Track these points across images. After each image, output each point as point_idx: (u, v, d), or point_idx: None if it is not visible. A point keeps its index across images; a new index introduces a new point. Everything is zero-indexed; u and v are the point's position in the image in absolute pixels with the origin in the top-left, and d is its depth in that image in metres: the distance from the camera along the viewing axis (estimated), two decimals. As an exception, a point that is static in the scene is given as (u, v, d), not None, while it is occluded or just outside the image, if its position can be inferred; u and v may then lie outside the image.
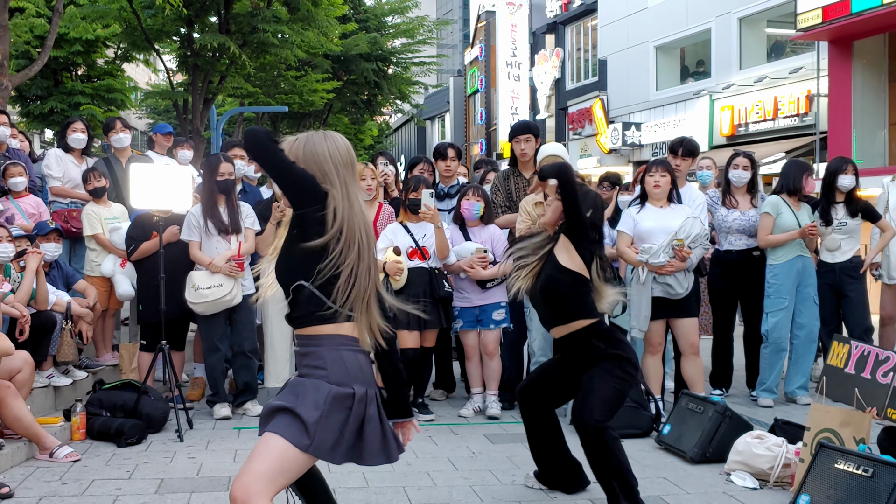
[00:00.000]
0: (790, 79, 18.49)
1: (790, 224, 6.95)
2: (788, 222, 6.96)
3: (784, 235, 6.95)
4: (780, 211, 7.00)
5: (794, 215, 6.97)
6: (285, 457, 2.98)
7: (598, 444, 4.32)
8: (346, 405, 3.04)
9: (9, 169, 7.38)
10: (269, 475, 2.95)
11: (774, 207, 7.02)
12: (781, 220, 6.98)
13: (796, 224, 6.92)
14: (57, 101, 19.88)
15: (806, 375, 7.19)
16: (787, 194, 7.08)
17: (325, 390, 3.02)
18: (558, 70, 29.73)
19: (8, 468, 5.33)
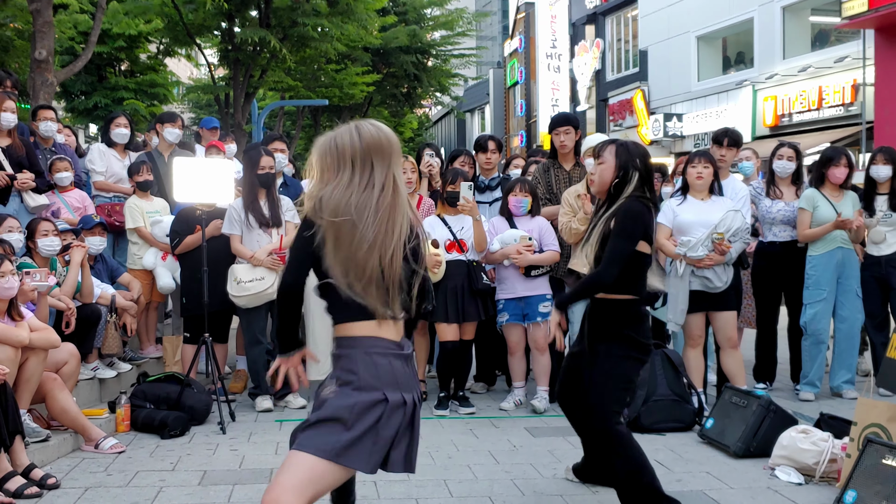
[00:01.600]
0: (835, 68, 18.22)
1: (828, 216, 6.83)
2: (826, 215, 6.85)
3: (818, 229, 6.85)
4: (815, 204, 6.89)
5: (833, 206, 6.85)
6: (314, 469, 2.99)
7: (606, 445, 4.22)
8: (376, 413, 3.02)
9: (55, 164, 7.48)
10: (298, 487, 2.96)
11: (810, 201, 6.91)
12: (819, 213, 6.87)
13: (834, 215, 6.81)
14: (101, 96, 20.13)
15: (851, 369, 7.08)
16: (816, 186, 6.98)
17: (353, 400, 3.01)
18: (598, 61, 29.54)
19: (54, 459, 5.40)
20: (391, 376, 3.06)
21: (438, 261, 6.49)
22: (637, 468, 4.15)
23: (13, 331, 5.15)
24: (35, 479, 4.79)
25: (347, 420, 3.00)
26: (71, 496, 4.72)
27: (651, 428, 5.98)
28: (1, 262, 5.18)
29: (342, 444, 2.99)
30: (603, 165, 4.36)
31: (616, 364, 4.25)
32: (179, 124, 8.45)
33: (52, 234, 6.33)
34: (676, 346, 6.97)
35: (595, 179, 4.42)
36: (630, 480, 4.15)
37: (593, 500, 4.62)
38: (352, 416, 3.00)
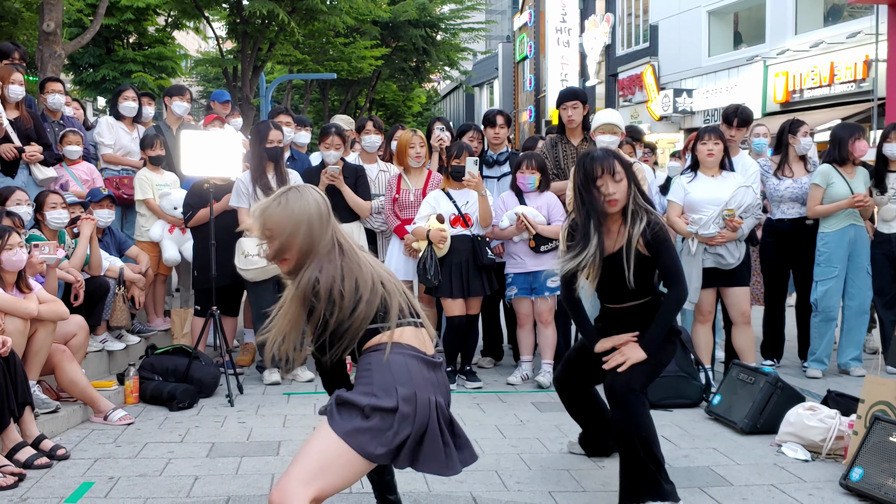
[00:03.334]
0: (847, 43, 18.06)
1: (842, 193, 6.79)
2: (840, 191, 6.81)
3: (832, 206, 6.81)
4: (830, 180, 6.84)
5: (847, 183, 6.81)
6: (333, 453, 3.01)
7: (625, 406, 4.04)
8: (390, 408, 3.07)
9: (67, 136, 7.48)
10: (308, 472, 2.98)
11: (824, 177, 6.86)
12: (833, 190, 6.82)
13: (848, 192, 6.76)
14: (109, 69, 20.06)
15: (859, 347, 7.07)
16: (837, 162, 6.92)
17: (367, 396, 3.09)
18: (608, 36, 29.35)
19: (64, 430, 5.44)
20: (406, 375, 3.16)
21: (444, 236, 6.48)
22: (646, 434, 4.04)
23: (22, 303, 5.17)
24: (45, 449, 4.82)
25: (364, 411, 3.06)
26: (80, 467, 4.75)
27: (658, 404, 5.98)
28: (9, 234, 5.19)
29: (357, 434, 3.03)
30: (623, 183, 4.11)
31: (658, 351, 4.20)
32: (188, 98, 8.46)
33: (60, 207, 6.34)
34: (685, 322, 6.96)
35: (618, 199, 4.10)
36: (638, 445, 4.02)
37: (599, 475, 4.63)
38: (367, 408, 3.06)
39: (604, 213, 4.10)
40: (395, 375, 3.12)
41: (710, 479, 4.56)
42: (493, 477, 4.61)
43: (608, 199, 4.08)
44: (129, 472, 4.66)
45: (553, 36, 31.96)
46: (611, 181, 4.08)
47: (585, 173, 4.11)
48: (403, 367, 3.15)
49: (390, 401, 3.06)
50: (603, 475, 4.64)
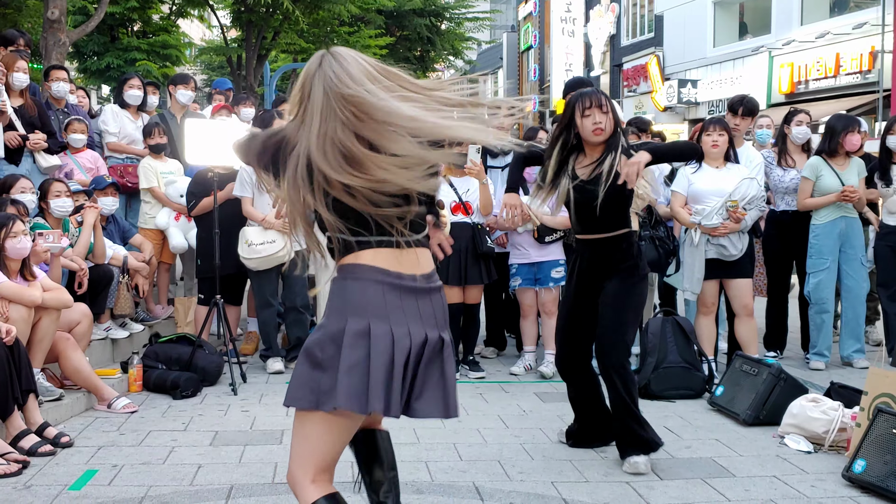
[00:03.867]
0: (853, 34, 18.00)
1: (831, 185, 6.77)
2: (829, 184, 6.78)
3: (820, 199, 6.80)
4: (819, 173, 6.82)
5: (837, 175, 6.79)
6: (303, 426, 2.72)
7: (616, 381, 4.52)
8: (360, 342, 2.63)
9: (72, 124, 7.48)
10: (298, 454, 2.73)
11: (813, 170, 6.85)
12: (822, 182, 6.80)
13: (838, 185, 6.74)
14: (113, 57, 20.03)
15: (860, 339, 7.05)
16: (828, 154, 6.89)
17: (320, 333, 2.69)
18: (613, 26, 29.29)
19: (68, 418, 5.45)
20: (363, 302, 2.68)
21: (444, 222, 6.47)
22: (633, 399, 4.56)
23: (26, 290, 5.18)
24: (49, 437, 4.84)
25: (318, 357, 2.67)
26: (84, 454, 4.76)
27: (661, 395, 6.00)
28: (13, 222, 5.19)
29: (319, 387, 2.64)
30: (609, 116, 4.51)
31: (630, 290, 4.59)
32: (192, 86, 8.47)
33: (64, 195, 6.34)
34: (688, 313, 6.96)
35: (604, 129, 4.49)
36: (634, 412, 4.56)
37: (602, 465, 4.64)
38: (323, 351, 2.66)
39: (590, 141, 4.53)
40: (348, 306, 2.69)
41: (712, 471, 4.57)
42: (496, 467, 4.62)
43: (595, 126, 4.47)
44: (132, 460, 4.68)
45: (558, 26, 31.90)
46: (598, 112, 4.47)
47: (575, 102, 4.53)
48: (359, 296, 2.69)
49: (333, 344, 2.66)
50: (605, 465, 4.65)
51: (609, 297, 4.58)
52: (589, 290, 4.69)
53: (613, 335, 4.55)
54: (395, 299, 2.71)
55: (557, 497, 4.19)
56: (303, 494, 2.72)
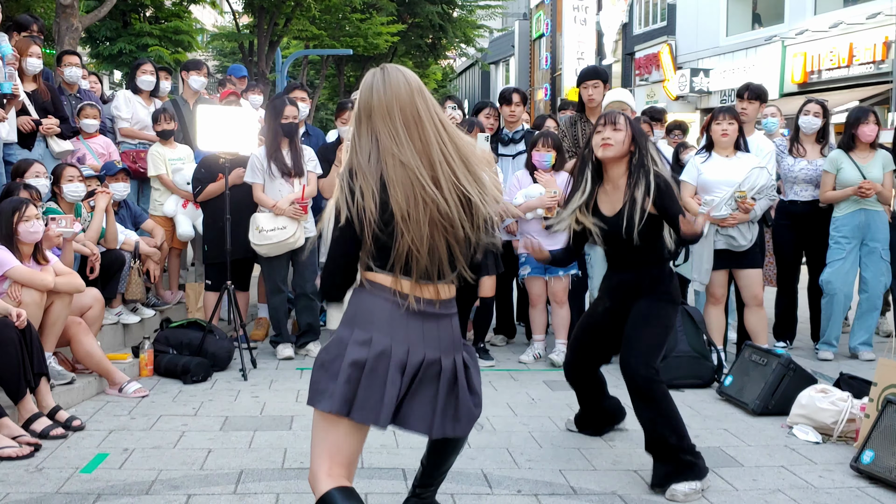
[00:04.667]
0: (867, 24, 17.88)
1: (852, 178, 6.75)
2: (850, 176, 6.76)
3: (840, 192, 6.78)
4: (839, 166, 6.80)
5: (858, 168, 6.76)
6: (315, 421, 2.92)
7: (648, 397, 4.15)
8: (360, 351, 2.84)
9: (85, 109, 7.49)
10: (313, 447, 2.90)
11: (833, 163, 6.83)
12: (842, 175, 6.78)
13: (858, 178, 6.72)
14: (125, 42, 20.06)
15: (870, 331, 7.04)
16: (848, 147, 6.87)
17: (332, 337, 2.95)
18: (626, 14, 29.17)
19: (79, 402, 5.49)
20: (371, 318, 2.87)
21: None
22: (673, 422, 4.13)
23: (38, 275, 5.21)
24: (60, 420, 4.87)
25: (323, 358, 2.92)
26: (95, 438, 4.80)
27: (670, 384, 5.89)
28: (26, 206, 5.22)
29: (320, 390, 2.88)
30: (622, 134, 4.28)
31: (662, 312, 4.31)
32: (204, 72, 8.48)
33: (77, 180, 6.36)
34: (698, 303, 6.96)
35: (613, 144, 4.27)
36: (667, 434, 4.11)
37: (610, 454, 4.65)
38: (328, 353, 2.90)
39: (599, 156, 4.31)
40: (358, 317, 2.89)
41: (720, 460, 4.58)
42: (505, 454, 4.64)
43: (603, 141, 4.27)
44: (143, 444, 4.71)
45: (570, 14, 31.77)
46: (610, 128, 4.27)
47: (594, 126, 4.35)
48: (367, 310, 2.88)
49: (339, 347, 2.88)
50: (614, 454, 4.66)
51: (638, 314, 4.32)
52: (614, 310, 4.47)
53: (640, 350, 4.21)
54: (401, 319, 2.90)
55: (565, 485, 4.20)
56: (316, 485, 2.84)
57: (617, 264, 4.50)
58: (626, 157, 4.32)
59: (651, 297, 4.34)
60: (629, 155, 4.31)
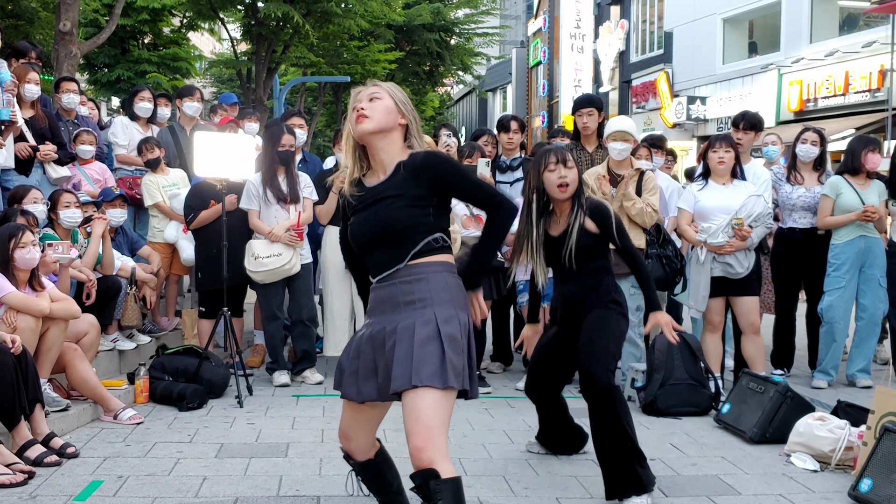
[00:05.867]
0: (862, 53, 17.98)
1: (851, 204, 6.76)
2: (849, 202, 6.78)
3: (841, 218, 6.79)
4: (839, 191, 6.82)
5: (858, 195, 6.78)
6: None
7: (609, 401, 4.25)
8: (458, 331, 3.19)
9: (81, 136, 7.51)
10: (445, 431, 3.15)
11: (833, 188, 6.85)
12: (842, 201, 6.80)
13: (859, 204, 6.74)
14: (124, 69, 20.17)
15: (867, 359, 7.02)
16: (850, 173, 6.89)
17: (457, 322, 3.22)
18: (623, 42, 29.31)
19: (74, 429, 5.46)
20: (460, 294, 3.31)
21: (455, 237, 6.48)
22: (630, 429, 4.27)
23: (34, 301, 5.20)
24: (55, 447, 4.85)
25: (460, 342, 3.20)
26: (90, 465, 4.77)
27: (667, 412, 5.98)
28: (23, 232, 5.22)
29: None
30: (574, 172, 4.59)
31: (613, 320, 4.49)
32: (198, 97, 8.50)
33: (73, 206, 6.37)
34: (695, 330, 6.95)
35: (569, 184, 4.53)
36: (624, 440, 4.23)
37: (607, 482, 4.63)
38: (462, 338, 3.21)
39: (555, 197, 4.54)
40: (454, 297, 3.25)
41: (718, 488, 4.55)
42: (501, 482, 4.61)
43: (560, 182, 4.48)
44: (137, 472, 4.68)
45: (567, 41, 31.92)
46: (563, 168, 4.51)
47: (539, 161, 4.58)
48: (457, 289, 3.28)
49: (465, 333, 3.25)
50: (610, 482, 4.63)
51: (591, 324, 4.49)
52: (566, 329, 4.67)
53: (598, 357, 4.36)
54: None
55: (562, 513, 4.18)
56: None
57: (563, 280, 4.68)
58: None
59: (599, 307, 4.51)
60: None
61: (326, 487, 4.47)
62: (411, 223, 3.21)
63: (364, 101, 3.30)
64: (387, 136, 3.30)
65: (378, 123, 3.27)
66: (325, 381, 6.90)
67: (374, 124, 3.27)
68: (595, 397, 4.31)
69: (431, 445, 3.02)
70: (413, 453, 3.05)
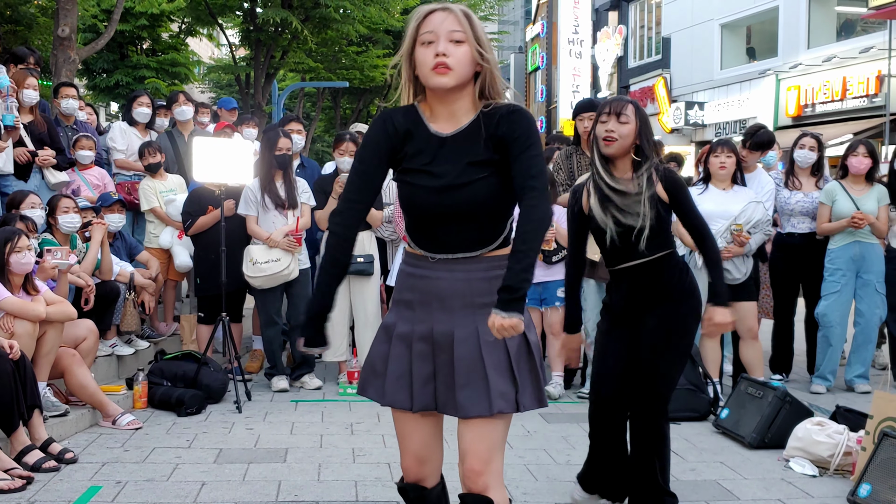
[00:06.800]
0: (860, 58, 18.03)
1: (845, 211, 6.77)
2: (844, 208, 6.79)
3: (835, 224, 6.81)
4: (834, 198, 6.83)
5: (853, 200, 6.79)
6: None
7: (656, 433, 3.92)
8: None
9: (80, 141, 7.51)
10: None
11: (828, 195, 6.87)
12: (837, 207, 6.81)
13: (853, 209, 6.75)
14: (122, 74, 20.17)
15: (865, 364, 7.03)
16: (844, 178, 6.93)
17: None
18: (621, 48, 29.37)
19: (72, 434, 5.45)
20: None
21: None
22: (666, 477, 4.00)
23: (30, 305, 5.19)
24: (53, 453, 4.84)
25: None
26: (88, 471, 4.76)
27: None
28: (19, 237, 5.21)
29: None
30: (628, 127, 3.88)
31: (676, 327, 3.95)
32: (182, 99, 8.51)
33: (72, 211, 6.36)
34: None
35: (616, 139, 3.87)
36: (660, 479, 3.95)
37: (606, 488, 4.62)
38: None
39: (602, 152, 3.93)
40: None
41: (716, 494, 4.55)
42: (500, 487, 4.60)
43: (606, 135, 3.88)
44: (136, 477, 4.68)
45: (565, 47, 31.96)
46: (615, 121, 3.89)
47: (599, 110, 3.99)
48: None
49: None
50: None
51: (651, 335, 3.91)
52: (628, 326, 4.02)
53: (653, 383, 3.89)
54: None
55: (561, 518, 4.17)
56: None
57: (621, 258, 3.98)
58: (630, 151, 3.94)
59: (665, 307, 3.94)
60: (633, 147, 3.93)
61: (325, 493, 4.46)
62: (504, 206, 2.74)
63: (444, 41, 2.66)
64: (464, 87, 2.73)
65: (461, 77, 2.69)
66: (323, 386, 6.90)
67: (456, 79, 2.69)
68: (636, 426, 3.95)
69: (489, 470, 2.76)
70: (469, 475, 2.78)
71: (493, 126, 2.70)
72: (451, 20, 2.67)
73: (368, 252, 6.88)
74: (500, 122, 2.70)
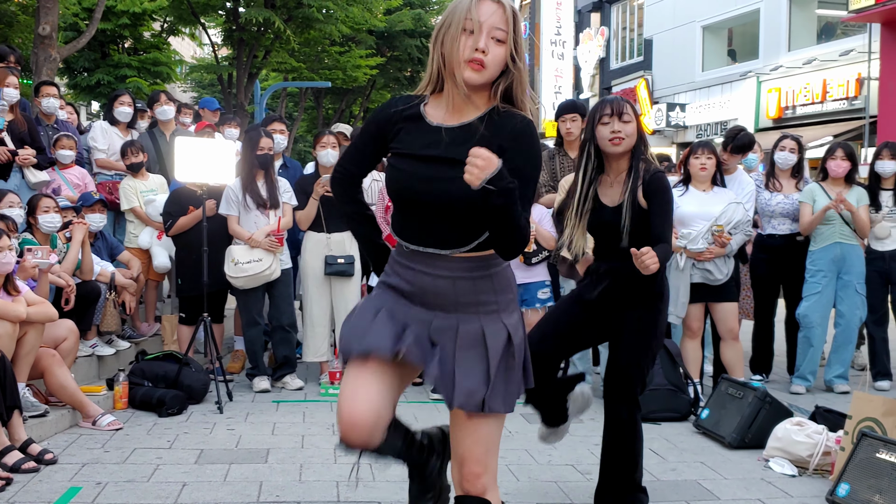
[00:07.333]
0: (840, 61, 18.17)
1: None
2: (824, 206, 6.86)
3: (817, 214, 6.85)
4: (815, 197, 6.90)
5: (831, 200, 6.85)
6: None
7: (629, 429, 4.04)
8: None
9: (61, 140, 7.46)
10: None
11: (809, 194, 6.93)
12: (818, 207, 6.87)
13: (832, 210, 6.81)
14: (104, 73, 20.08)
15: (845, 364, 7.08)
16: (823, 181, 6.99)
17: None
18: (603, 49, 29.45)
19: (52, 435, 5.43)
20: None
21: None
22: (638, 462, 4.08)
23: (10, 306, 5.16)
24: (33, 453, 4.81)
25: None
26: (68, 472, 4.74)
27: (646, 417, 5.90)
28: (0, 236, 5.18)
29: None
30: (631, 126, 4.01)
31: (656, 319, 4.08)
32: (164, 99, 8.48)
33: (52, 211, 6.33)
34: (674, 337, 6.98)
35: (623, 139, 3.98)
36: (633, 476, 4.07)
37: (587, 487, 4.64)
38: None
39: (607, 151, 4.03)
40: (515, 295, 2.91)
41: (697, 493, 4.58)
42: (481, 488, 4.60)
43: (613, 136, 3.98)
44: (116, 478, 4.66)
45: (548, 48, 32.02)
46: (618, 121, 3.99)
47: (594, 112, 4.06)
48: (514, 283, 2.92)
49: None
50: (591, 487, 4.63)
51: (633, 322, 4.04)
52: (600, 315, 4.14)
53: (632, 363, 4.04)
54: None
55: (542, 518, 4.19)
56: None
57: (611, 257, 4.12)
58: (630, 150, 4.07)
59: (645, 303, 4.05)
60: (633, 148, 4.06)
61: (307, 493, 4.46)
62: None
63: (486, 37, 2.60)
64: (486, 85, 2.68)
65: (490, 77, 2.64)
66: (305, 386, 6.89)
67: (486, 79, 2.64)
68: (613, 407, 4.08)
69: (486, 471, 2.78)
70: (468, 477, 2.78)
71: (497, 134, 2.65)
72: (498, 16, 2.60)
73: (349, 253, 6.88)
74: (507, 135, 2.65)
